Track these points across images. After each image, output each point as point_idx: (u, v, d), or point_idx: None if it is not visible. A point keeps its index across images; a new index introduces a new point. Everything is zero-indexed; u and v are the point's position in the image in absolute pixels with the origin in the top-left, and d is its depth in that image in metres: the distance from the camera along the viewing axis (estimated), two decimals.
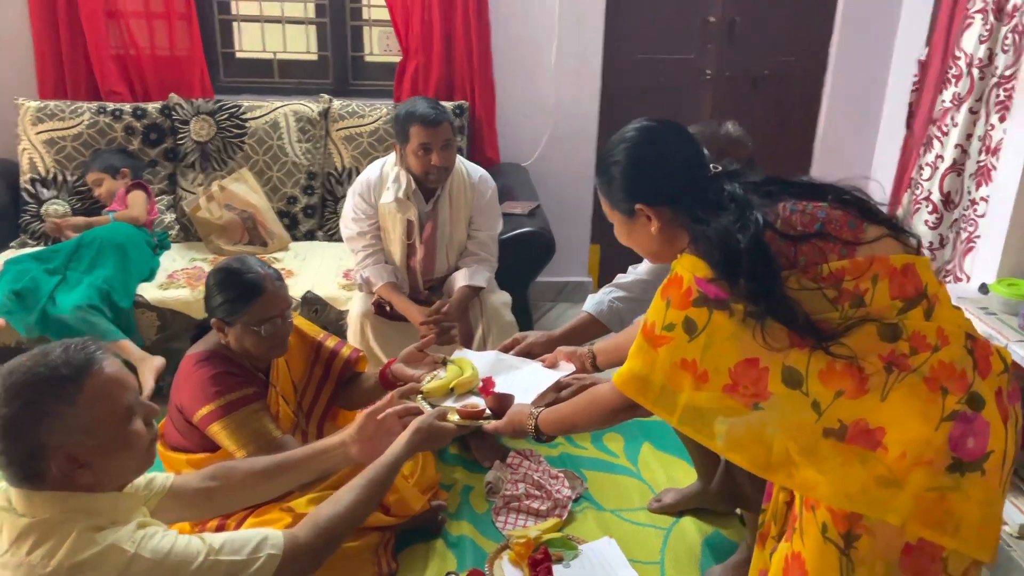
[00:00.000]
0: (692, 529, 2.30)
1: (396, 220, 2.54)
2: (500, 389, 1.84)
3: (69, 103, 3.25)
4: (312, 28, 3.61)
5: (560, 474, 2.48)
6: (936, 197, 3.04)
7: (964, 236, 2.93)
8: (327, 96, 3.42)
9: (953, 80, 2.97)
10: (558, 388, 1.82)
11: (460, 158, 2.62)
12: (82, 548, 1.15)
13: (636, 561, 2.15)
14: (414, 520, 2.18)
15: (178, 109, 3.28)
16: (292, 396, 2.08)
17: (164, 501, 1.46)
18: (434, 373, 1.95)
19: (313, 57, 3.66)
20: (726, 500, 2.05)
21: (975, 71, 2.86)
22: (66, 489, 1.20)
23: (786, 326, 1.26)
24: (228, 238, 3.20)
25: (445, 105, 2.60)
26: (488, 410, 1.77)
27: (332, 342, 2.19)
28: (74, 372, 1.19)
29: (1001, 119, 2.77)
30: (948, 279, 3.00)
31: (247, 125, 3.29)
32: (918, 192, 3.15)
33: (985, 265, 2.75)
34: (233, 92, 3.53)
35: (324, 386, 2.17)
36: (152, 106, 3.30)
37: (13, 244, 3.17)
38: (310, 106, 3.35)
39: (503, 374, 1.91)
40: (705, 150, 1.47)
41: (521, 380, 1.88)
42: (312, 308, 2.85)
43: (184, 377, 1.91)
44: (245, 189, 3.23)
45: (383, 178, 2.56)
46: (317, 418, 2.17)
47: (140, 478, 1.38)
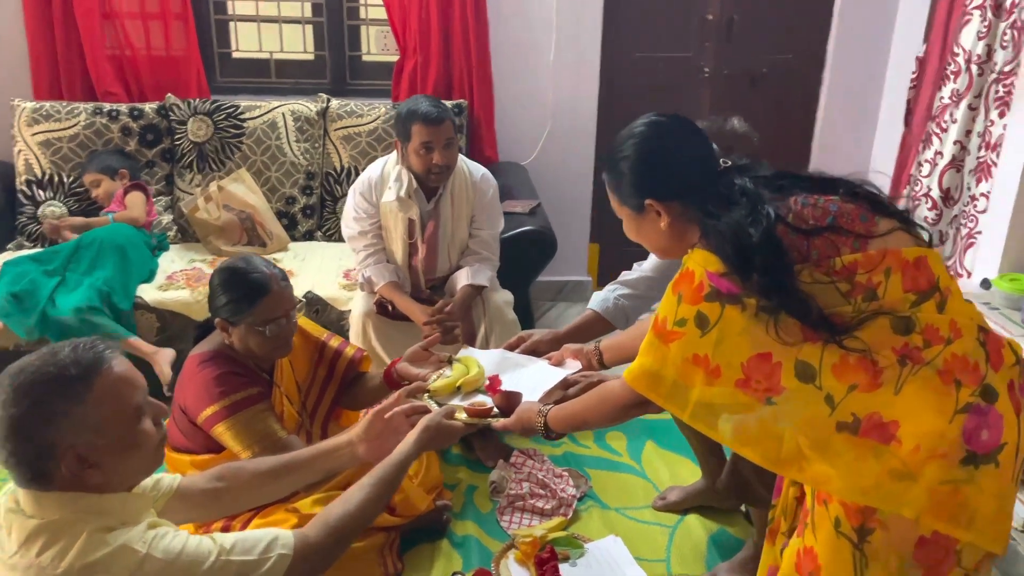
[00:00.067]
0: (697, 527, 2.30)
1: (398, 219, 2.53)
2: (507, 387, 1.83)
3: (65, 104, 3.22)
4: (309, 28, 3.60)
5: (564, 473, 2.47)
6: (935, 193, 3.05)
7: (964, 232, 2.94)
8: (325, 96, 3.40)
9: (952, 76, 2.98)
10: (565, 386, 1.82)
11: (461, 157, 2.61)
12: (93, 549, 1.14)
13: (642, 559, 2.14)
14: (419, 520, 2.17)
15: (175, 109, 3.26)
16: (296, 396, 2.07)
17: (171, 502, 1.45)
18: (440, 372, 1.94)
19: (310, 57, 3.64)
20: (733, 497, 2.05)
21: (974, 67, 2.87)
22: (75, 490, 1.19)
23: (800, 320, 1.26)
24: (227, 239, 3.18)
25: (446, 104, 2.59)
26: (496, 408, 1.76)
27: (336, 342, 2.18)
28: (83, 371, 1.18)
29: (1001, 115, 2.78)
30: None
31: (245, 125, 3.27)
32: (917, 188, 3.16)
33: (987, 260, 2.76)
34: (230, 92, 3.51)
35: (328, 386, 2.16)
36: (149, 107, 3.28)
37: (10, 246, 3.14)
38: (308, 106, 3.33)
39: (509, 372, 1.91)
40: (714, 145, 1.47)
41: (527, 378, 1.87)
42: (313, 308, 2.83)
43: (188, 378, 1.90)
44: (243, 189, 3.21)
45: (384, 177, 2.54)
46: (321, 418, 2.16)
47: (147, 479, 1.37)
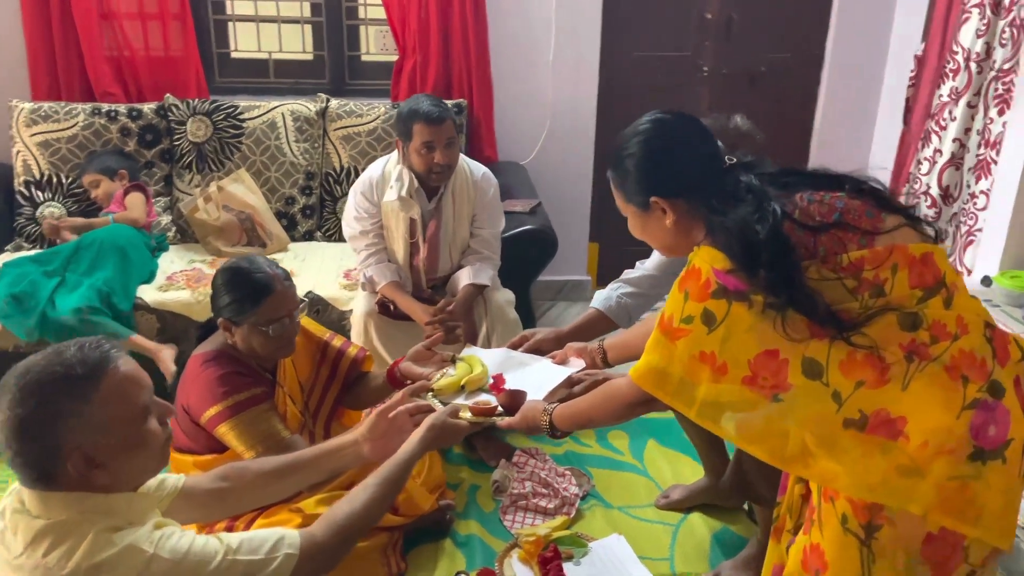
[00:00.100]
0: (701, 525, 2.30)
1: (399, 219, 2.52)
2: (510, 386, 1.83)
3: (63, 104, 3.21)
4: (308, 27, 3.59)
5: (567, 472, 2.47)
6: (935, 191, 3.06)
7: (964, 230, 2.94)
8: (324, 96, 3.39)
9: (951, 75, 2.99)
10: (569, 384, 1.82)
11: (462, 156, 2.61)
12: (100, 549, 1.14)
13: (645, 558, 2.14)
14: (422, 520, 2.17)
15: (174, 110, 3.25)
16: (299, 396, 2.06)
17: (175, 502, 1.45)
18: (443, 371, 1.93)
19: (309, 57, 3.64)
20: (736, 495, 2.05)
21: (973, 65, 2.88)
22: (81, 490, 1.19)
23: (807, 317, 1.26)
24: (226, 239, 3.17)
25: (447, 103, 2.59)
26: (500, 407, 1.76)
27: (338, 342, 2.17)
28: (89, 370, 1.17)
29: (1000, 112, 2.79)
30: None
31: (244, 125, 3.26)
32: (916, 186, 3.16)
33: (987, 258, 2.76)
34: (228, 93, 3.49)
35: (331, 386, 2.15)
36: (148, 107, 3.27)
37: (8, 248, 3.12)
38: (308, 106, 3.33)
39: (513, 371, 1.90)
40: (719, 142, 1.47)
41: (531, 377, 1.87)
42: (314, 309, 2.82)
43: (191, 378, 1.89)
44: (243, 190, 3.20)
45: (386, 176, 2.54)
46: (324, 418, 2.15)
47: (151, 480, 1.37)
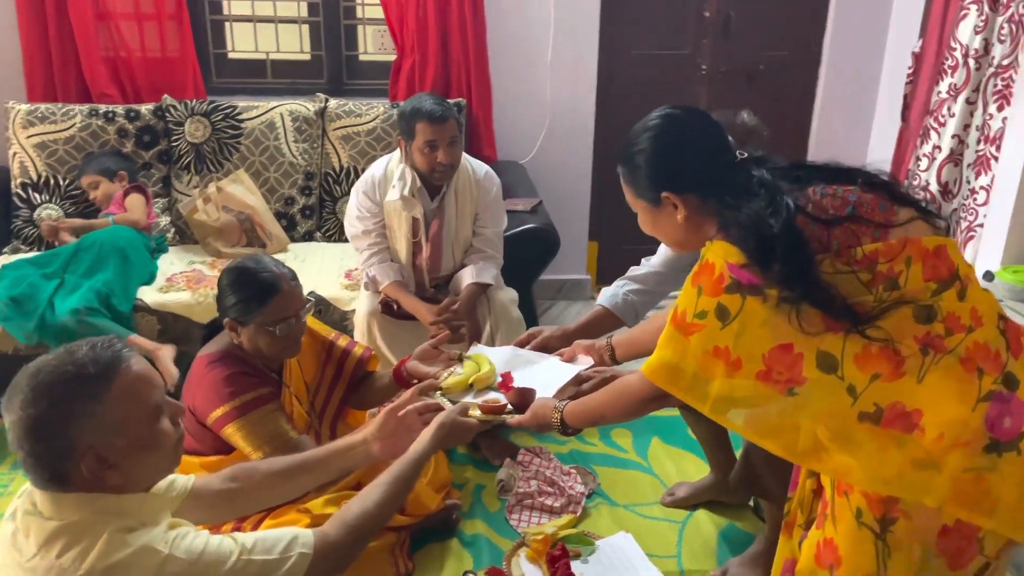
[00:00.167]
0: (707, 522, 2.30)
1: (402, 218, 2.51)
2: (519, 384, 1.82)
3: (60, 106, 3.19)
4: (305, 27, 3.58)
5: (572, 470, 2.47)
6: (934, 187, 3.07)
7: (964, 225, 2.95)
8: (323, 95, 3.38)
9: (949, 71, 3.00)
10: (578, 381, 1.81)
11: (464, 155, 2.60)
12: (115, 550, 1.12)
13: (653, 555, 2.14)
14: (428, 519, 2.16)
15: (172, 111, 3.23)
16: (305, 396, 2.05)
17: (185, 503, 1.43)
18: (451, 369, 1.92)
19: (306, 57, 3.63)
20: (745, 489, 2.04)
21: (971, 61, 2.89)
22: (94, 490, 1.17)
23: (822, 310, 1.25)
24: (225, 240, 3.15)
25: (449, 102, 2.58)
26: (510, 405, 1.75)
27: (344, 341, 2.16)
28: (102, 370, 1.16)
29: (999, 108, 2.80)
30: None
31: (243, 126, 3.25)
32: (915, 183, 3.17)
33: (989, 253, 2.77)
34: (226, 93, 3.47)
35: (336, 386, 2.14)
36: (145, 108, 3.25)
37: (6, 250, 3.10)
38: (306, 106, 3.31)
39: (521, 369, 1.90)
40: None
41: (539, 374, 1.87)
42: (315, 309, 2.81)
43: (197, 378, 1.87)
44: (242, 190, 3.18)
45: (388, 175, 2.53)
46: (329, 418, 2.14)
47: (161, 481, 1.36)
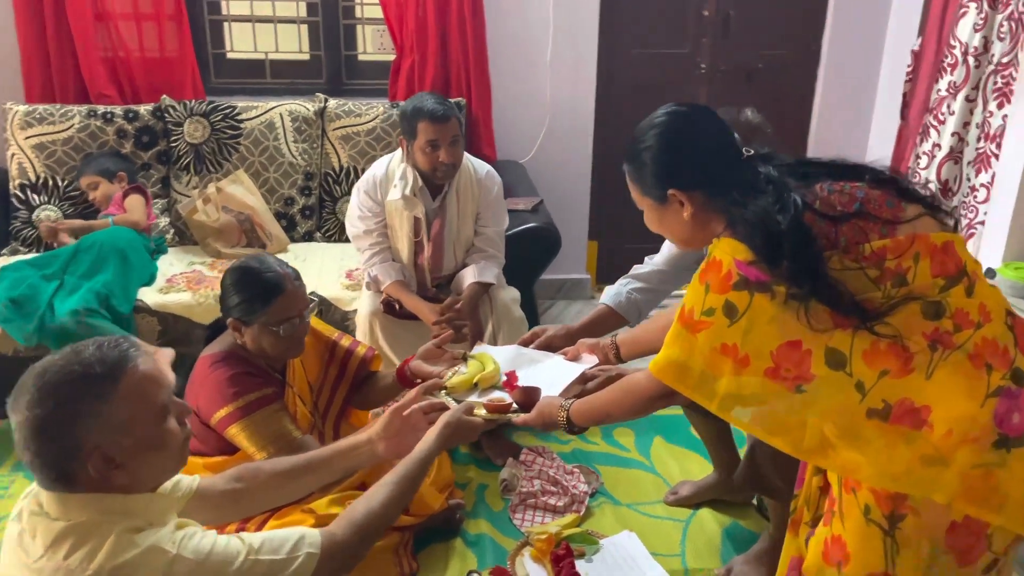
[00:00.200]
0: (710, 520, 2.30)
1: (403, 217, 2.51)
2: (523, 383, 1.82)
3: (58, 107, 3.17)
4: (304, 27, 3.57)
5: (575, 469, 2.46)
6: (934, 185, 3.07)
7: (965, 223, 2.96)
8: (323, 95, 3.37)
9: (948, 69, 3.00)
10: (583, 380, 1.81)
11: (466, 154, 2.59)
12: (122, 550, 1.12)
13: (656, 554, 2.14)
14: (431, 519, 2.15)
15: (171, 111, 3.22)
16: (308, 396, 2.05)
17: (190, 504, 1.43)
18: (455, 369, 1.92)
19: (305, 57, 3.62)
20: (750, 487, 2.04)
21: (971, 59, 2.89)
22: (101, 491, 1.17)
23: (831, 307, 1.25)
24: (225, 241, 3.14)
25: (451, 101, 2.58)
26: (515, 404, 1.75)
27: (347, 341, 2.16)
28: (109, 369, 1.15)
29: (999, 106, 2.80)
30: None
31: (242, 126, 3.24)
32: (915, 181, 3.17)
33: (990, 250, 2.78)
34: (224, 94, 3.46)
35: (339, 386, 2.14)
36: (144, 108, 3.23)
37: (5, 252, 3.08)
38: (306, 106, 3.30)
39: (525, 368, 1.90)
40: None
41: (544, 373, 1.86)
42: (316, 309, 2.80)
43: (200, 379, 1.87)
44: (242, 191, 3.17)
45: (389, 175, 2.52)
46: (333, 418, 2.14)
47: (167, 481, 1.35)
